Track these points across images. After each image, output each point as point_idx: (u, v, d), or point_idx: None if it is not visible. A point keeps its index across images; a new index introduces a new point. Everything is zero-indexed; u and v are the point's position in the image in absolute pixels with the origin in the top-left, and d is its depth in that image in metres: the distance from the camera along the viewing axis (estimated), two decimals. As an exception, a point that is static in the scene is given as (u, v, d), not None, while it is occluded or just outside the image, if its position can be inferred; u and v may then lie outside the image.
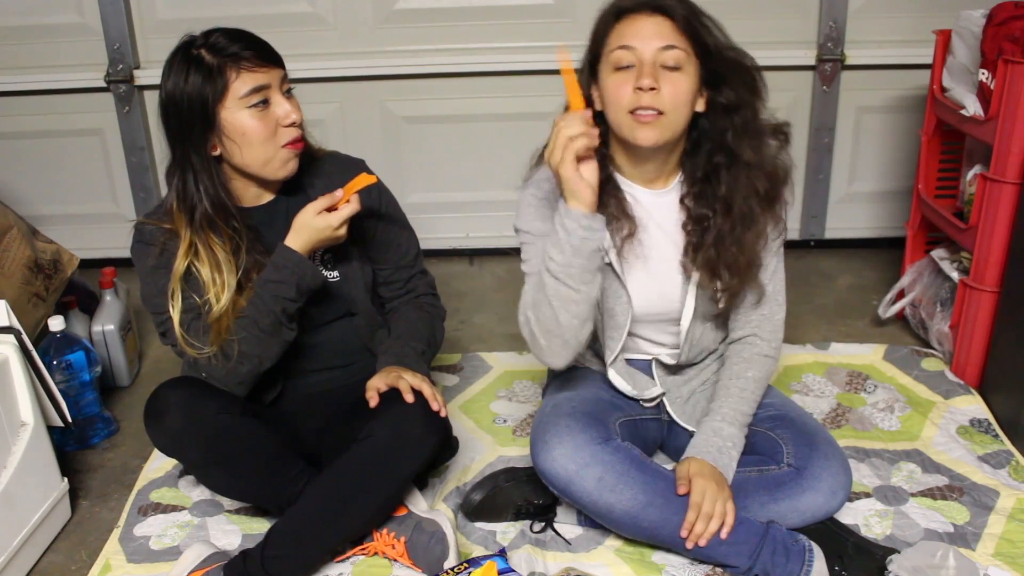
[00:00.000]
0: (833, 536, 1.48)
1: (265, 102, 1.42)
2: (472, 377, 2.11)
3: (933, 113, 2.17)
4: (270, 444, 1.50)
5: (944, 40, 2.09)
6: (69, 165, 2.73)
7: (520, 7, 2.56)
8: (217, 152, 1.45)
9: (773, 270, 1.54)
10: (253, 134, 1.42)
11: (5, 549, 1.50)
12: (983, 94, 1.92)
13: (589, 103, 1.42)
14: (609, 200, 1.46)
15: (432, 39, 2.59)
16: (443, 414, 1.49)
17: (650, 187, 1.50)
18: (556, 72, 2.82)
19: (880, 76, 2.59)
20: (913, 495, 1.65)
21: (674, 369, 1.63)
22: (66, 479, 1.70)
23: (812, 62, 2.57)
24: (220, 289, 1.46)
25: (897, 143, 2.68)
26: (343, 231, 1.47)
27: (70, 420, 1.71)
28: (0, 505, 1.50)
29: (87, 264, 2.23)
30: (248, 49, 1.41)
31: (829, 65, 2.57)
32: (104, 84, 2.60)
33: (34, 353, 1.63)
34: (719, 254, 1.46)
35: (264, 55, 1.43)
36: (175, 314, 1.47)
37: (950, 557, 1.39)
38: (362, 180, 1.48)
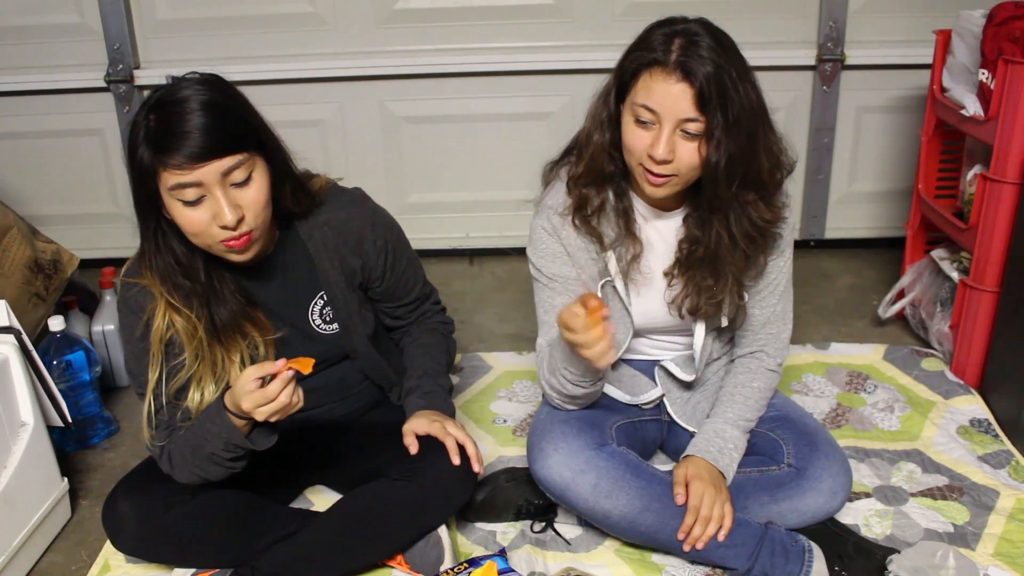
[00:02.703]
0: (833, 536, 1.48)
1: (198, 198, 1.27)
2: (472, 377, 2.11)
3: (933, 113, 2.17)
4: (239, 506, 1.47)
5: (944, 40, 2.09)
6: (69, 165, 2.73)
7: (520, 7, 2.56)
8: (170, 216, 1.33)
9: (783, 291, 1.55)
10: (185, 225, 1.30)
11: (5, 549, 1.50)
12: (983, 94, 1.92)
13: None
14: (619, 220, 1.47)
15: (432, 39, 2.59)
16: (481, 473, 1.50)
17: (659, 209, 1.49)
18: (556, 72, 2.83)
19: (880, 76, 2.59)
20: (913, 495, 1.65)
21: (686, 384, 1.62)
22: (66, 479, 1.70)
23: (812, 62, 2.57)
24: (195, 346, 1.39)
25: (897, 143, 2.68)
26: (295, 400, 1.31)
27: (70, 420, 1.71)
28: (0, 505, 1.50)
29: (87, 264, 2.23)
30: (180, 147, 1.24)
31: (829, 65, 2.57)
32: (104, 84, 2.60)
33: (34, 353, 1.63)
34: (697, 278, 1.47)
35: (200, 153, 1.24)
36: (151, 377, 1.39)
37: (950, 557, 1.39)
38: (302, 364, 1.31)
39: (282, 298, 1.49)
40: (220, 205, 1.27)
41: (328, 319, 1.53)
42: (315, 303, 1.51)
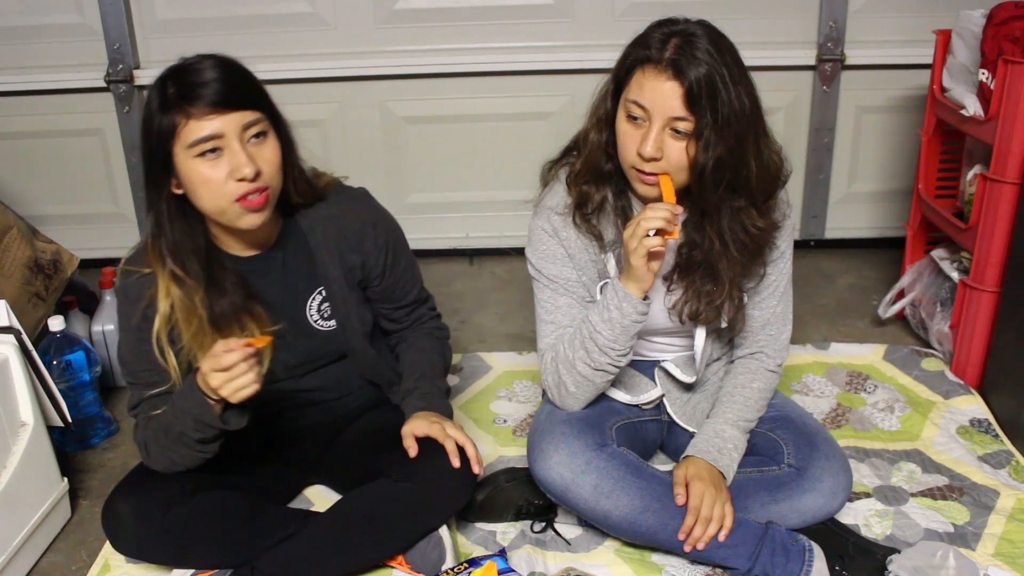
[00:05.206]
0: (833, 536, 1.48)
1: (216, 150, 1.30)
2: (472, 377, 2.11)
3: (933, 113, 2.17)
4: (238, 507, 1.46)
5: (944, 40, 2.09)
6: (69, 165, 2.73)
7: (520, 7, 2.56)
8: (180, 191, 1.35)
9: (783, 293, 1.55)
10: (200, 184, 1.31)
11: (5, 549, 1.50)
12: (983, 94, 1.92)
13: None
14: (618, 220, 1.47)
15: (432, 39, 2.59)
16: (481, 475, 1.50)
17: None
18: (556, 72, 2.82)
19: (880, 76, 2.59)
20: (913, 495, 1.65)
21: (686, 384, 1.62)
22: (66, 479, 1.70)
23: (812, 62, 2.57)
24: (193, 332, 1.39)
25: (897, 143, 2.68)
26: (251, 377, 1.28)
27: (70, 420, 1.71)
28: (0, 505, 1.50)
29: (87, 264, 2.23)
30: (202, 94, 1.27)
31: (829, 65, 2.57)
32: (104, 84, 2.60)
33: (34, 353, 1.62)
34: (696, 283, 1.47)
35: (222, 100, 1.28)
36: (171, 364, 1.40)
37: (950, 557, 1.39)
38: (259, 340, 1.31)
39: (281, 292, 1.49)
40: (240, 157, 1.30)
41: (326, 315, 1.53)
42: (313, 298, 1.52)
